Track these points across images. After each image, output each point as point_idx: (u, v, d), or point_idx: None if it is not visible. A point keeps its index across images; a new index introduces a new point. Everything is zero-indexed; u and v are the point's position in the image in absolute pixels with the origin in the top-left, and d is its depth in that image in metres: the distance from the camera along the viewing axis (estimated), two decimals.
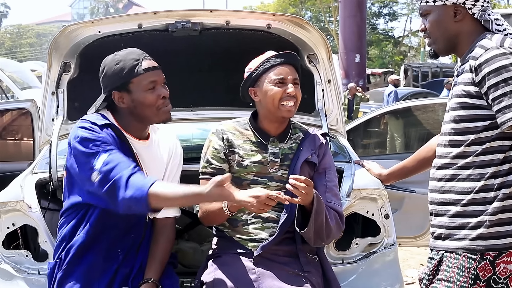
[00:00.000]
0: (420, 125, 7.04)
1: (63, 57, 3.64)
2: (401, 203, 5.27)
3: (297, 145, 3.07)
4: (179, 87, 4.12)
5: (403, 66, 28.72)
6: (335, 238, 3.07)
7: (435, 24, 2.57)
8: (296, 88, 2.96)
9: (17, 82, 14.81)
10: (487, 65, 2.38)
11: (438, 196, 2.57)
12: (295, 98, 2.96)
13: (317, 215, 2.81)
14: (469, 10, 2.52)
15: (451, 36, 2.57)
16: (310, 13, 49.02)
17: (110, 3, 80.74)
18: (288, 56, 3.01)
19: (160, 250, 2.99)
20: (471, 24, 2.54)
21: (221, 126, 3.11)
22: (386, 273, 3.37)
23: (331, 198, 3.00)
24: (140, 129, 2.98)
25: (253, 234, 2.96)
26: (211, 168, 3.04)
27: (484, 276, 2.43)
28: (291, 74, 2.98)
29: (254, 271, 2.86)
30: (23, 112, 6.28)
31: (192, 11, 3.56)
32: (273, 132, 3.05)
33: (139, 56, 2.88)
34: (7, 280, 3.29)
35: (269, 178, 3.00)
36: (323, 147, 3.11)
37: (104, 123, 2.83)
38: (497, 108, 2.37)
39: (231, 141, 3.04)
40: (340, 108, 3.98)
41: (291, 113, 2.98)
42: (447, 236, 2.51)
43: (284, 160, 3.02)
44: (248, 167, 3.00)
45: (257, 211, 2.74)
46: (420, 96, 17.97)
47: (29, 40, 59.65)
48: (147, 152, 2.99)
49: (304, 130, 3.14)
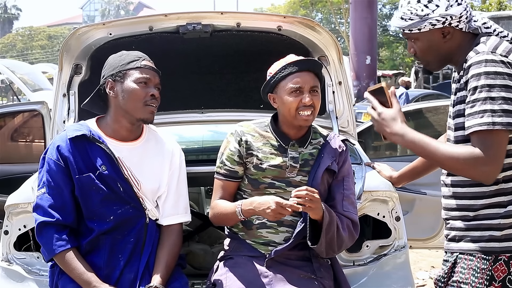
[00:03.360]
0: (431, 127, 7.00)
1: (74, 59, 3.65)
2: (412, 205, 5.25)
3: (318, 151, 3.02)
4: (190, 89, 4.15)
5: (414, 67, 28.58)
6: (347, 247, 3.05)
7: (426, 49, 2.54)
8: (314, 96, 2.91)
9: (28, 84, 14.87)
10: (472, 69, 2.35)
11: (451, 202, 2.55)
12: (313, 107, 2.90)
13: (329, 228, 2.80)
14: (456, 27, 2.48)
15: (445, 55, 2.54)
16: (320, 15, 49.03)
17: (121, 5, 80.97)
18: (307, 63, 2.95)
19: (166, 254, 2.99)
20: (461, 38, 2.50)
21: (240, 128, 3.05)
22: (397, 275, 3.35)
23: (347, 206, 2.97)
24: (127, 128, 2.98)
25: (267, 238, 2.94)
26: (225, 170, 3.02)
27: (499, 276, 2.41)
28: (309, 82, 2.91)
29: (266, 274, 2.85)
30: (35, 114, 6.30)
31: (202, 13, 3.57)
32: (293, 136, 3.00)
33: (142, 56, 3.00)
34: (19, 281, 3.30)
35: (286, 183, 2.96)
36: (343, 154, 3.06)
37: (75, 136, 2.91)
38: (468, 112, 2.34)
39: (250, 143, 3.00)
40: (351, 110, 3.97)
41: (308, 122, 2.94)
42: (461, 238, 2.49)
43: (304, 166, 2.98)
44: (266, 170, 2.95)
45: (272, 219, 2.80)
46: (431, 98, 17.87)
47: (40, 42, 59.90)
48: (136, 152, 3.00)
49: (324, 135, 3.09)
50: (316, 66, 2.98)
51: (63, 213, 2.89)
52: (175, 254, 3.03)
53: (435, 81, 26.46)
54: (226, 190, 3.02)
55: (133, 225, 2.96)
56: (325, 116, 3.95)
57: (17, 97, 16.73)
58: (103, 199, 2.90)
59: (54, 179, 2.90)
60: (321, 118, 3.97)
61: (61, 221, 2.88)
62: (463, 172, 2.40)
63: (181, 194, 3.11)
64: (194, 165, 3.74)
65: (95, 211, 2.92)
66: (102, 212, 2.92)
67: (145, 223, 2.98)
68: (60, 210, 2.89)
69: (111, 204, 2.92)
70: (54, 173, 2.90)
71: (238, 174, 3.01)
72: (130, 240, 2.95)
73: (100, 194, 2.90)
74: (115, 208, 2.93)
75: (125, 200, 2.94)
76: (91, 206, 2.92)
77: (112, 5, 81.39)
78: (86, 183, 2.89)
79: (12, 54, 54.91)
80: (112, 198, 2.92)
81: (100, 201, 2.90)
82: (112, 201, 2.92)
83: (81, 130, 2.92)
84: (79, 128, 2.95)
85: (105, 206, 2.91)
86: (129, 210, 2.95)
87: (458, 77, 2.50)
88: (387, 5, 48.13)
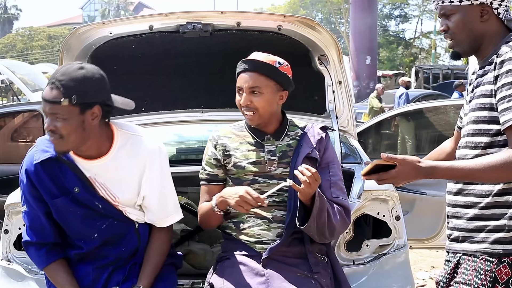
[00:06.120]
0: (431, 127, 7.00)
1: (74, 59, 3.65)
2: (412, 205, 5.25)
3: (296, 141, 3.04)
4: (190, 88, 4.15)
5: (414, 68, 28.63)
6: (340, 233, 3.07)
7: (461, 25, 2.50)
8: (255, 97, 2.90)
9: (28, 84, 14.84)
10: (506, 64, 2.32)
11: (455, 198, 2.54)
12: (253, 108, 2.91)
13: (319, 213, 2.80)
14: (495, 10, 2.47)
15: (477, 37, 2.50)
16: (320, 15, 49.09)
17: (120, 5, 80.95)
18: (248, 63, 2.93)
19: (153, 253, 2.92)
20: (496, 24, 2.49)
21: (216, 133, 3.12)
22: (397, 274, 3.35)
23: (336, 192, 2.98)
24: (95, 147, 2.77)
25: (260, 235, 2.95)
26: (206, 174, 3.10)
27: (502, 278, 2.39)
28: (248, 82, 2.90)
29: (263, 273, 2.84)
30: (35, 114, 6.33)
31: (203, 13, 3.57)
32: (268, 131, 3.03)
33: None
34: (19, 280, 3.31)
35: (268, 177, 2.97)
36: (323, 141, 3.06)
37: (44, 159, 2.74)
38: (503, 107, 2.31)
39: (226, 145, 3.04)
40: (351, 110, 3.97)
41: (253, 122, 2.98)
42: (465, 238, 2.48)
43: (282, 158, 2.99)
44: (246, 168, 2.98)
45: (236, 208, 2.80)
46: (431, 98, 17.89)
47: (40, 42, 59.81)
48: (108, 167, 2.80)
49: (302, 126, 3.10)
50: (262, 66, 2.91)
51: (42, 234, 2.85)
52: (164, 252, 2.96)
53: (435, 81, 26.45)
54: (210, 194, 3.05)
55: (123, 235, 2.90)
56: (325, 115, 3.95)
57: (17, 97, 16.74)
58: (83, 219, 2.81)
59: (28, 201, 2.83)
60: (321, 117, 3.97)
61: (41, 241, 2.85)
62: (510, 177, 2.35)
63: (167, 195, 2.97)
64: (194, 164, 3.73)
65: (78, 231, 2.85)
66: (85, 232, 2.84)
67: (135, 229, 2.92)
68: (39, 231, 2.85)
69: (93, 221, 2.83)
70: (28, 195, 2.82)
71: (219, 177, 3.07)
72: (122, 249, 2.90)
73: (78, 214, 2.80)
74: (98, 224, 2.84)
75: (106, 215, 2.84)
76: (73, 228, 2.85)
77: (112, 5, 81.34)
78: (61, 207, 2.79)
79: (12, 54, 54.86)
80: (92, 215, 2.82)
81: (80, 222, 2.81)
82: (93, 218, 2.82)
83: (49, 152, 2.75)
84: (47, 149, 2.76)
85: (87, 226, 2.83)
86: (113, 222, 2.86)
87: (482, 72, 2.48)
88: (387, 5, 48.14)
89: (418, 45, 50.55)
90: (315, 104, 4.01)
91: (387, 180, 2.42)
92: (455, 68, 27.45)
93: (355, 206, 3.30)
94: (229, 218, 3.05)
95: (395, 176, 2.40)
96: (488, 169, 2.31)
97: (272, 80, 2.92)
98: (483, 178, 2.37)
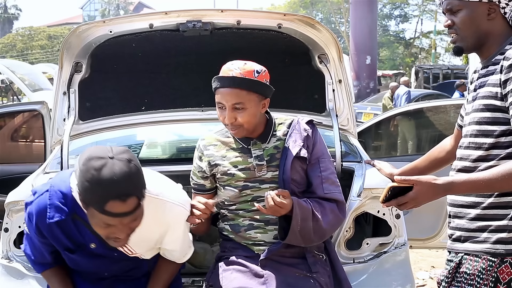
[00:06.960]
0: (431, 126, 7.00)
1: (74, 57, 3.65)
2: None
3: (283, 142, 2.97)
4: (190, 87, 4.14)
5: (414, 67, 28.60)
6: (333, 231, 3.06)
7: (468, 21, 2.49)
8: (239, 113, 2.80)
9: (28, 84, 14.87)
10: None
11: (457, 198, 2.53)
12: (238, 125, 2.83)
13: (303, 223, 2.77)
14: (502, 10, 2.47)
15: (482, 35, 2.50)
16: (321, 15, 49.09)
17: (120, 5, 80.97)
18: (227, 80, 2.80)
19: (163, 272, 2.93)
20: (501, 24, 2.48)
21: (202, 142, 3.07)
22: (397, 273, 3.35)
23: (328, 188, 2.92)
24: None
25: (257, 238, 2.94)
26: (193, 184, 3.12)
27: (504, 278, 2.39)
28: (230, 100, 2.79)
29: (261, 274, 2.83)
30: (35, 114, 6.32)
31: (203, 11, 3.56)
32: (254, 135, 2.96)
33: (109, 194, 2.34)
34: (19, 278, 3.31)
35: (259, 182, 2.92)
36: (312, 136, 2.99)
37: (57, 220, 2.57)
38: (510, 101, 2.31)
39: (212, 155, 3.00)
40: (351, 108, 3.97)
41: (239, 135, 2.92)
42: (467, 238, 2.47)
43: (271, 161, 2.93)
44: (236, 175, 2.93)
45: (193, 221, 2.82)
46: (431, 97, 17.88)
47: (40, 42, 59.75)
48: None
49: (287, 123, 3.03)
50: (242, 82, 2.79)
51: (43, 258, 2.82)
52: (174, 274, 2.99)
53: (435, 81, 26.44)
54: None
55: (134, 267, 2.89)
56: (325, 114, 3.95)
57: (17, 97, 16.76)
58: (95, 264, 2.78)
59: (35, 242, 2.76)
60: (321, 116, 3.97)
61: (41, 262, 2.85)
62: None
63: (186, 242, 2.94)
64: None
65: (88, 271, 2.84)
66: (96, 271, 2.83)
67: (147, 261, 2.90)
68: (39, 255, 2.82)
69: (105, 265, 2.80)
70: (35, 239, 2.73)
71: (206, 187, 3.08)
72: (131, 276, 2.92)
73: (92, 262, 2.76)
74: (110, 266, 2.83)
75: (121, 260, 2.79)
76: (83, 269, 2.83)
77: (112, 5, 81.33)
78: (75, 258, 2.74)
79: (12, 54, 54.84)
80: (106, 262, 2.78)
81: (92, 265, 2.78)
82: (107, 263, 2.79)
83: (64, 210, 2.56)
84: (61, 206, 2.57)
85: (99, 267, 2.81)
86: (126, 263, 2.83)
87: (485, 71, 2.47)
88: (387, 5, 48.15)
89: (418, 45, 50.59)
90: (315, 102, 4.01)
91: (408, 204, 2.36)
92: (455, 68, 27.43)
93: (355, 205, 3.30)
94: (226, 221, 3.04)
95: (414, 198, 2.34)
96: (506, 177, 2.28)
97: (254, 93, 2.82)
98: (503, 187, 2.33)
